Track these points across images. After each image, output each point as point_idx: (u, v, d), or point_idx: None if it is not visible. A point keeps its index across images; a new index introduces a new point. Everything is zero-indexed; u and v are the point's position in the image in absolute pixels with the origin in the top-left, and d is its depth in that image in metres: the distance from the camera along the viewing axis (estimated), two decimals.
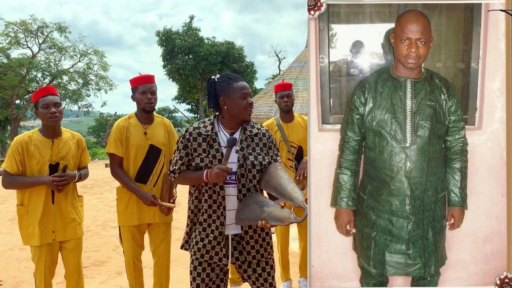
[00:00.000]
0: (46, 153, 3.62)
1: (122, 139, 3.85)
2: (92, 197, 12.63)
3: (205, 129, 2.82)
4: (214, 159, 2.75)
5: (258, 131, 2.89)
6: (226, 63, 36.21)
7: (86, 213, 9.74)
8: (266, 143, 2.88)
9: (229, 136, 2.81)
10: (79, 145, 3.88)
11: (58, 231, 3.68)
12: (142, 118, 3.93)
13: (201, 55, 35.67)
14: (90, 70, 34.00)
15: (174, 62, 35.81)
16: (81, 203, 3.97)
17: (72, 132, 3.94)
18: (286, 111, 4.72)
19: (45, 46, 32.88)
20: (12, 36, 31.19)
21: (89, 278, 5.57)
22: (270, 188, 2.71)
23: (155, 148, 3.89)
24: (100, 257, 6.60)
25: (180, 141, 2.86)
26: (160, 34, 36.46)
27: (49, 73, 32.43)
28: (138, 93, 3.85)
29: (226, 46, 36.85)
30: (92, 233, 8.28)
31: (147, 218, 3.90)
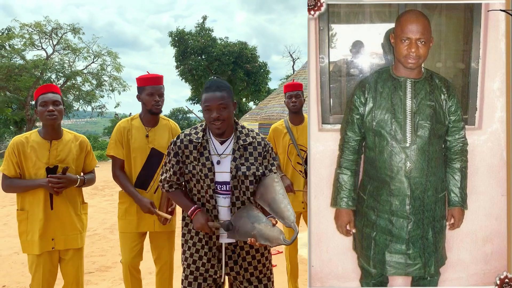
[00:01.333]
0: (43, 156, 3.38)
1: (123, 141, 3.69)
2: (102, 199, 12.47)
3: (196, 136, 2.74)
4: (203, 167, 2.68)
5: (252, 140, 2.77)
6: (239, 64, 35.97)
7: (94, 216, 9.78)
8: (261, 152, 2.77)
9: (218, 144, 2.74)
10: (82, 147, 3.60)
11: (58, 239, 3.42)
12: (146, 120, 3.76)
13: (213, 55, 35.41)
14: (104, 71, 33.91)
15: (187, 62, 35.65)
16: (85, 210, 3.67)
17: (76, 133, 3.67)
18: (294, 112, 4.56)
19: (59, 47, 32.92)
20: (27, 37, 31.30)
21: (93, 285, 5.50)
22: (264, 202, 2.63)
23: (157, 152, 3.70)
24: (106, 262, 6.46)
25: (172, 148, 2.78)
26: (173, 34, 36.30)
27: (63, 74, 32.38)
28: (145, 94, 3.67)
29: (239, 46, 36.56)
30: (99, 236, 8.08)
31: (147, 226, 3.73)
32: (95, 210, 10.56)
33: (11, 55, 30.69)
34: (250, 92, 37.64)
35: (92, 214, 9.92)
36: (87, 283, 5.50)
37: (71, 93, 33.42)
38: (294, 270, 4.71)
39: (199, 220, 2.61)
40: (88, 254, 6.79)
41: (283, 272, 5.16)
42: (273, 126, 4.77)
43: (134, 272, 3.77)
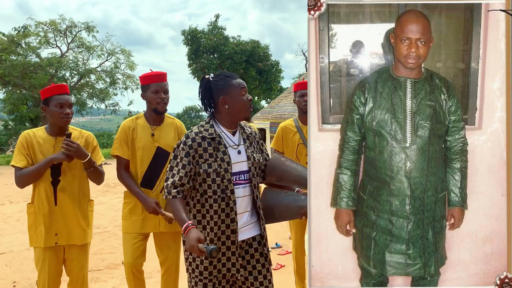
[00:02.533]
0: (48, 151, 3.42)
1: (128, 140, 3.68)
2: (113, 196, 12.58)
3: (207, 132, 2.76)
4: (222, 162, 2.71)
5: (251, 130, 2.95)
6: (251, 62, 36.21)
7: (106, 213, 9.98)
8: (259, 141, 2.99)
9: (231, 135, 2.83)
10: (88, 143, 3.62)
11: (61, 234, 3.46)
12: (151, 119, 3.75)
13: (225, 54, 35.70)
14: (117, 69, 34.45)
15: (199, 61, 35.93)
16: (91, 207, 3.71)
17: (82, 130, 3.71)
18: (305, 111, 4.38)
19: (74, 45, 33.59)
20: (42, 35, 31.75)
21: (101, 282, 5.57)
22: (288, 180, 2.89)
23: (163, 150, 3.69)
24: (115, 259, 6.54)
25: (181, 148, 2.73)
26: (185, 33, 36.58)
27: (77, 72, 33.03)
28: (150, 92, 3.65)
29: (251, 45, 36.84)
30: (109, 234, 8.19)
31: (152, 227, 3.71)
32: (106, 207, 10.73)
33: (26, 53, 31.04)
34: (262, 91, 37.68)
35: (103, 211, 10.19)
36: (96, 280, 5.69)
37: (85, 90, 34.11)
38: (301, 270, 4.68)
39: (190, 241, 2.48)
40: (98, 251, 6.93)
41: (291, 272, 5.19)
42: (282, 124, 4.71)
43: (136, 273, 3.74)
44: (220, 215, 2.72)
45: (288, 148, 4.60)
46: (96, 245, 7.24)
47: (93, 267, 6.12)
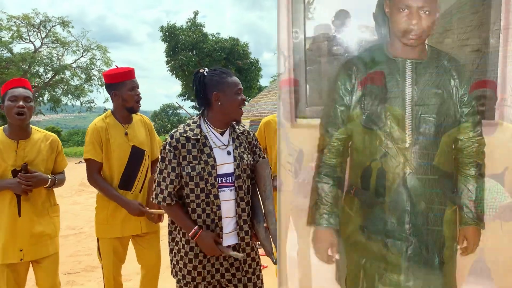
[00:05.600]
0: (9, 157, 3.30)
1: (102, 142, 3.63)
2: (89, 196, 12.75)
3: (192, 132, 2.74)
4: (206, 165, 2.70)
5: (243, 129, 2.94)
6: (231, 60, 37.62)
7: (81, 213, 10.18)
8: (251, 141, 2.96)
9: (219, 135, 2.80)
10: (53, 147, 3.54)
11: (26, 250, 3.33)
12: (122, 117, 3.73)
13: (205, 51, 36.87)
14: (93, 65, 35.26)
15: (178, 58, 37.15)
16: (56, 213, 3.62)
17: (47, 132, 3.61)
18: None
19: (48, 40, 34.31)
20: (15, 30, 32.38)
21: (78, 285, 5.64)
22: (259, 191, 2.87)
23: (138, 149, 3.72)
24: (92, 262, 6.52)
25: (168, 150, 2.72)
26: (163, 29, 37.71)
27: (51, 68, 33.68)
28: (127, 89, 3.64)
29: (230, 42, 38.13)
30: (85, 235, 8.24)
31: (133, 229, 3.70)
32: (81, 208, 11.00)
33: None
34: None
35: (79, 211, 10.50)
36: (72, 283, 5.81)
37: (60, 87, 35.20)
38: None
39: (207, 244, 2.66)
40: (74, 253, 7.14)
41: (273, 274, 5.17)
42: (265, 119, 4.73)
43: (117, 278, 3.78)
44: (205, 220, 2.74)
45: (270, 144, 4.62)
46: (72, 247, 7.44)
47: (69, 270, 6.27)
